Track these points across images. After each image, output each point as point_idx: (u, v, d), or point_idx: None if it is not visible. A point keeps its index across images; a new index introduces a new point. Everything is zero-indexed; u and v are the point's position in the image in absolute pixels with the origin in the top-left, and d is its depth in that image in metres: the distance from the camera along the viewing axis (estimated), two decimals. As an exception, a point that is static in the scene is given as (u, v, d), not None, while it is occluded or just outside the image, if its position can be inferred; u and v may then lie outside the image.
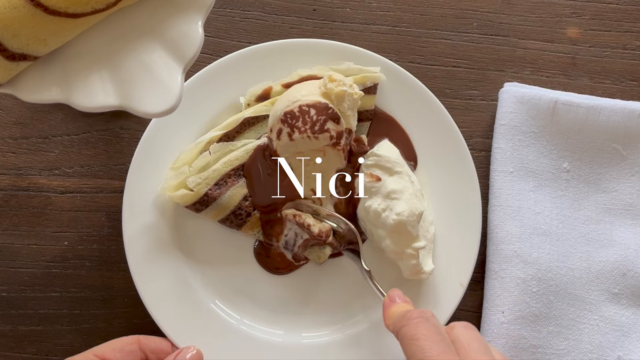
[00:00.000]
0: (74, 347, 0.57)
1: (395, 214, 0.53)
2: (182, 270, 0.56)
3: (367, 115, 0.59)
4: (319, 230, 0.54)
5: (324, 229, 0.54)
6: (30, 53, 0.41)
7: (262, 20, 0.64)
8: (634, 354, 0.55)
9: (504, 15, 0.65)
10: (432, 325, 0.42)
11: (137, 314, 0.57)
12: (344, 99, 0.54)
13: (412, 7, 0.65)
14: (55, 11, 0.39)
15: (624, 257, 0.58)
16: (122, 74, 0.42)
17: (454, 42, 0.64)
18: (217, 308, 0.56)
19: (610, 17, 0.65)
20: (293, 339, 0.56)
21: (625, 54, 0.64)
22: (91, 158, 0.61)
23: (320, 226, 0.54)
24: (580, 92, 0.62)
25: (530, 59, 0.64)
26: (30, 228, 0.59)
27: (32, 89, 0.42)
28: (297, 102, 0.53)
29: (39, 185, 0.60)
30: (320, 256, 0.56)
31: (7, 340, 0.57)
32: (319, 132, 0.53)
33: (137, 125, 0.61)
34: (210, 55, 0.62)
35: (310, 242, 0.55)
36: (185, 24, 0.43)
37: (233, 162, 0.56)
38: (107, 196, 0.60)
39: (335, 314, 0.57)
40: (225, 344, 0.55)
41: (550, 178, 0.60)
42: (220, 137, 0.57)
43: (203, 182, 0.55)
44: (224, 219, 0.56)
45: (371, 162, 0.56)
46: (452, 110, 0.59)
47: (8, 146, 0.61)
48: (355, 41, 0.62)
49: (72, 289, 0.58)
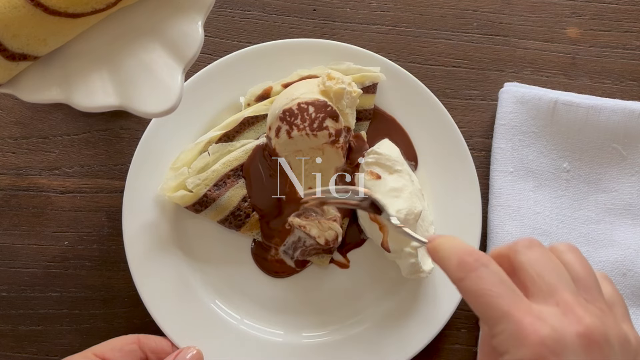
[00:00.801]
0: (74, 347, 0.57)
1: (394, 212, 0.53)
2: (182, 270, 0.56)
3: (366, 114, 0.59)
4: (325, 241, 0.54)
5: (330, 238, 0.54)
6: (30, 53, 0.41)
7: (262, 20, 0.64)
8: (634, 354, 0.55)
9: (504, 15, 0.65)
10: (492, 272, 0.36)
11: (137, 314, 0.57)
12: (343, 97, 0.54)
13: (412, 7, 0.65)
14: (55, 11, 0.40)
15: (624, 257, 0.58)
16: (122, 74, 0.42)
17: (454, 42, 0.64)
18: (217, 308, 0.56)
19: (610, 17, 0.65)
20: (293, 339, 0.56)
21: (625, 54, 0.64)
22: (91, 158, 0.61)
23: (327, 235, 0.54)
24: (580, 92, 0.62)
25: (530, 59, 0.64)
26: (30, 228, 0.59)
27: (32, 89, 0.42)
28: (296, 100, 0.53)
29: (39, 185, 0.60)
30: (323, 260, 0.57)
31: (7, 340, 0.57)
32: (317, 130, 0.53)
33: (137, 125, 0.61)
34: (210, 55, 0.62)
35: (311, 250, 0.55)
36: (185, 24, 0.43)
37: (232, 163, 0.56)
38: (107, 196, 0.60)
39: (335, 314, 0.57)
40: (225, 344, 0.55)
41: (550, 178, 0.60)
42: (220, 137, 0.57)
43: (202, 183, 0.55)
44: (223, 220, 0.56)
45: (371, 160, 0.56)
46: (452, 110, 0.59)
47: (8, 146, 0.61)
48: (355, 41, 0.62)
49: (72, 289, 0.58)
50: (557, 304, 0.34)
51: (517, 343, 0.33)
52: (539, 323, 0.33)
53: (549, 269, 0.36)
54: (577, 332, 0.33)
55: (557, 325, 0.33)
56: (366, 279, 0.57)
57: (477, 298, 0.35)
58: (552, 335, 0.32)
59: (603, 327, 0.33)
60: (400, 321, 0.55)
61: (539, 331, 0.33)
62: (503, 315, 0.34)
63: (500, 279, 0.35)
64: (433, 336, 0.54)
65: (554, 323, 0.33)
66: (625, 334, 0.35)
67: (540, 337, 0.32)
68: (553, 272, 0.36)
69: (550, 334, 0.33)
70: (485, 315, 0.35)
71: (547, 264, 0.36)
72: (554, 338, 0.32)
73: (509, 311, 0.34)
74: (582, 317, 0.33)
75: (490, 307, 0.34)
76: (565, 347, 0.32)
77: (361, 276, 0.57)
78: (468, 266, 0.36)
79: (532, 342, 0.32)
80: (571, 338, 0.32)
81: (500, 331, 0.34)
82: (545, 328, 0.33)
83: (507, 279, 0.36)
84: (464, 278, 0.36)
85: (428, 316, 0.55)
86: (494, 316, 0.34)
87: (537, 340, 0.32)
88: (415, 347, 0.54)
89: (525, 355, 0.32)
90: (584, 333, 0.33)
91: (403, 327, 0.55)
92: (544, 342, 0.32)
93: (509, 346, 0.33)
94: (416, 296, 0.56)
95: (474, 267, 0.36)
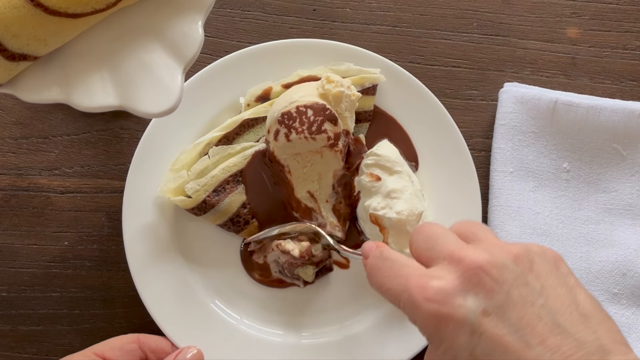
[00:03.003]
0: (74, 347, 0.57)
1: (395, 213, 0.53)
2: (182, 270, 0.56)
3: (365, 116, 0.59)
4: (299, 252, 0.54)
5: (303, 249, 0.54)
6: (30, 53, 0.41)
7: (262, 20, 0.64)
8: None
9: (504, 15, 0.65)
10: (385, 258, 0.39)
11: (137, 314, 0.57)
12: (342, 100, 0.54)
13: (412, 7, 0.65)
14: (56, 11, 0.39)
15: (624, 257, 0.58)
16: (122, 74, 0.42)
17: (454, 42, 0.64)
18: (217, 308, 0.56)
19: (610, 17, 0.65)
20: (292, 339, 0.56)
21: (625, 54, 0.64)
22: (91, 158, 0.61)
23: (299, 247, 0.54)
24: (580, 92, 0.62)
25: (530, 59, 0.64)
26: (30, 228, 0.59)
27: (32, 89, 0.42)
28: (295, 103, 0.53)
29: (39, 185, 0.60)
30: (307, 274, 0.56)
31: (7, 340, 0.57)
32: (316, 133, 0.53)
33: (137, 125, 0.61)
34: (210, 55, 0.62)
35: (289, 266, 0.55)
36: (185, 24, 0.43)
37: (231, 169, 0.56)
38: (107, 196, 0.60)
39: (335, 314, 0.57)
40: (225, 344, 0.55)
41: (551, 178, 0.60)
42: (220, 139, 0.57)
43: (201, 188, 0.55)
44: (222, 225, 0.56)
45: (371, 161, 0.56)
46: (452, 110, 0.59)
47: (8, 146, 0.61)
48: (355, 41, 0.62)
49: (72, 289, 0.58)
50: (444, 259, 0.35)
51: (413, 309, 0.34)
52: (428, 282, 0.34)
53: (427, 237, 0.37)
54: (465, 270, 0.33)
55: (446, 276, 0.34)
56: (366, 279, 0.57)
57: (381, 289, 0.37)
58: (440, 286, 0.33)
59: (492, 257, 0.34)
60: (400, 321, 0.55)
61: (427, 290, 0.33)
62: (401, 292, 0.35)
63: (392, 263, 0.37)
64: (433, 336, 0.54)
65: (442, 275, 0.34)
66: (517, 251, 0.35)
67: (426, 296, 0.33)
68: (432, 238, 0.37)
69: (436, 287, 0.33)
70: (394, 302, 0.36)
71: (426, 235, 0.38)
72: (440, 288, 0.33)
73: (405, 284, 0.35)
74: (468, 257, 0.34)
75: (391, 293, 0.36)
76: (456, 291, 0.33)
77: (361, 276, 0.57)
78: (367, 263, 0.39)
79: (421, 302, 0.33)
80: (460, 281, 0.33)
81: (403, 307, 0.35)
82: (433, 283, 0.33)
83: (399, 259, 0.37)
84: (369, 277, 0.39)
85: (428, 316, 0.55)
86: (397, 299, 0.36)
87: (425, 298, 0.33)
88: (415, 347, 0.54)
89: (421, 317, 0.33)
90: (474, 268, 0.33)
91: (403, 327, 0.55)
92: (433, 298, 0.33)
93: (410, 316, 0.35)
94: (416, 296, 0.56)
95: (370, 261, 0.39)
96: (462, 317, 0.32)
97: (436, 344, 0.34)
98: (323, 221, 0.56)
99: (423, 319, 0.33)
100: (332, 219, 0.56)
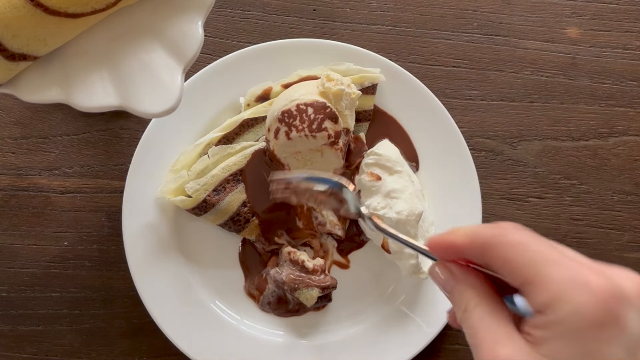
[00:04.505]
0: (74, 347, 0.57)
1: (395, 213, 0.53)
2: (182, 270, 0.56)
3: (365, 115, 0.59)
4: (313, 266, 0.54)
5: (318, 264, 0.54)
6: (30, 53, 0.41)
7: (262, 20, 0.64)
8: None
9: (504, 15, 0.65)
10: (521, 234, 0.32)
11: (137, 314, 0.57)
12: (342, 98, 0.54)
13: (412, 7, 0.65)
14: (55, 11, 0.39)
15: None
16: (122, 74, 0.42)
17: (454, 42, 0.64)
18: (217, 308, 0.56)
19: (610, 17, 0.65)
20: (292, 339, 0.56)
21: (625, 54, 0.64)
22: (91, 158, 0.61)
23: (315, 262, 0.54)
24: (581, 92, 0.62)
25: (530, 59, 0.64)
26: (30, 228, 0.59)
27: (32, 89, 0.42)
28: (295, 101, 0.53)
29: (39, 185, 0.60)
30: (308, 298, 0.54)
31: (7, 340, 0.57)
32: (316, 131, 0.53)
33: (137, 125, 0.61)
34: (210, 55, 0.62)
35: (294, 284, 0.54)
36: (185, 24, 0.43)
37: (231, 168, 0.56)
38: (107, 196, 0.60)
39: (335, 314, 0.57)
40: (225, 344, 0.55)
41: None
42: (219, 139, 0.57)
43: (201, 188, 0.55)
44: (222, 224, 0.56)
45: (371, 161, 0.56)
46: (452, 110, 0.59)
47: (8, 146, 0.61)
48: (355, 41, 0.62)
49: (72, 289, 0.58)
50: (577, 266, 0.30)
51: (580, 288, 0.29)
52: (597, 275, 0.29)
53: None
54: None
55: (615, 278, 0.29)
56: (366, 280, 0.57)
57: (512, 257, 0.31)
58: (613, 286, 0.29)
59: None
60: (400, 321, 0.55)
61: (599, 282, 0.29)
62: (550, 262, 0.30)
63: (528, 239, 0.31)
64: (433, 336, 0.54)
65: (611, 275, 0.29)
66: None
67: (603, 289, 0.28)
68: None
69: (610, 287, 0.29)
70: (521, 272, 0.30)
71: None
72: (615, 288, 0.29)
73: (557, 259, 0.30)
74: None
75: (529, 263, 0.30)
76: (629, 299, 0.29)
77: (361, 277, 0.57)
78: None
79: (596, 289, 0.28)
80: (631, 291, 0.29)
81: (547, 279, 0.29)
82: (603, 281, 0.29)
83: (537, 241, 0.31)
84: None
85: (428, 316, 0.55)
86: (532, 271, 0.30)
87: (601, 289, 0.28)
88: (415, 347, 0.54)
89: (590, 302, 0.28)
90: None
91: (403, 327, 0.55)
92: (610, 294, 0.28)
93: (565, 293, 0.29)
94: (416, 296, 0.56)
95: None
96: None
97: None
98: (323, 220, 0.56)
99: (593, 300, 0.29)
100: (332, 218, 0.56)
